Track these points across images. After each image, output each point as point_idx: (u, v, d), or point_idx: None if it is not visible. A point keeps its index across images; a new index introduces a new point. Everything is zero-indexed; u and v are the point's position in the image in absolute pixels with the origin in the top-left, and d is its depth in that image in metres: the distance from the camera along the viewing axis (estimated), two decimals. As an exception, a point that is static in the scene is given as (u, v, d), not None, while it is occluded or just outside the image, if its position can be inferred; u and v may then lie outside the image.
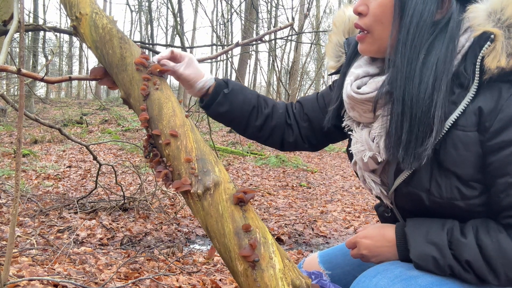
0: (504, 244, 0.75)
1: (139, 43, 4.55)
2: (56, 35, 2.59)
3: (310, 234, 3.94)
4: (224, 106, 1.12)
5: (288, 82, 15.04)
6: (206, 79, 1.11)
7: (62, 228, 3.31)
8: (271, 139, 1.20)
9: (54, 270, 2.20)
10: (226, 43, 9.36)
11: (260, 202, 5.15)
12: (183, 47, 4.01)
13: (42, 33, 15.21)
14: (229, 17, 15.07)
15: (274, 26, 11.98)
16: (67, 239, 3.00)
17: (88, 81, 1.76)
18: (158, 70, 0.97)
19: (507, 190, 0.75)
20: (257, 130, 1.17)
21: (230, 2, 9.77)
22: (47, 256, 2.48)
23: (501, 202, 0.77)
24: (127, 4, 23.51)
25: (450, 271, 0.79)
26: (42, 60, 16.72)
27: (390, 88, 0.84)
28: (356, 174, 1.00)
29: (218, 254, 0.82)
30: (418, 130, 0.80)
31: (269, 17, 13.43)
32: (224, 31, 14.52)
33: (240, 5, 11.39)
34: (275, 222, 4.20)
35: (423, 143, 0.79)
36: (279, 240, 3.66)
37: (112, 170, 5.53)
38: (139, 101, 0.94)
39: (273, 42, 11.25)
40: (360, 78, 0.94)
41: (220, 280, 2.42)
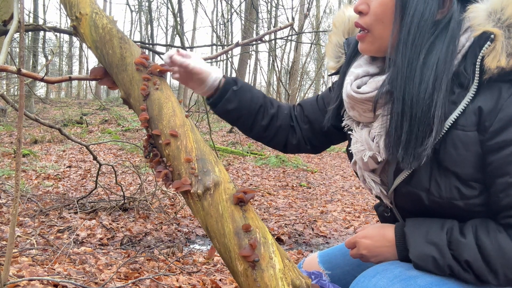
0: (503, 244, 0.75)
1: (139, 43, 4.55)
2: (56, 35, 2.59)
3: (310, 234, 3.94)
4: (232, 103, 1.12)
5: (288, 82, 15.05)
6: (217, 75, 1.12)
7: (62, 228, 3.31)
8: (275, 140, 1.20)
9: (54, 270, 2.20)
10: (226, 43, 9.36)
11: (260, 202, 5.15)
12: (183, 47, 4.01)
13: (42, 33, 15.22)
14: (229, 17, 15.08)
15: (274, 26, 11.99)
16: (67, 239, 3.00)
17: (88, 81, 1.76)
18: (158, 70, 0.97)
19: (507, 190, 0.75)
20: (262, 130, 1.18)
21: (230, 2, 9.77)
22: (47, 256, 2.49)
23: (500, 202, 0.77)
24: (127, 4, 23.53)
25: (450, 271, 0.79)
26: (42, 60, 16.74)
27: (390, 87, 0.84)
28: (356, 173, 1.00)
29: (218, 254, 0.82)
30: (418, 130, 0.80)
31: (269, 17, 13.44)
32: (224, 31, 14.53)
33: (240, 5, 11.40)
34: (275, 222, 4.20)
35: (423, 143, 0.80)
36: (279, 240, 3.66)
37: (112, 170, 5.53)
38: (139, 101, 0.94)
39: (273, 42, 11.25)
40: (360, 77, 0.94)
41: (220, 280, 2.42)
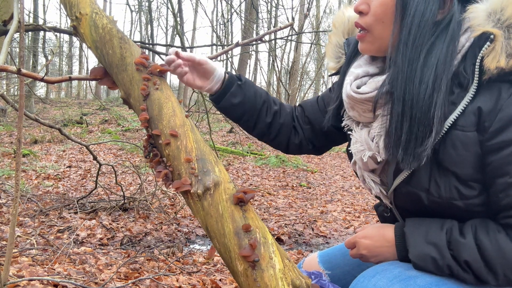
0: (503, 244, 0.75)
1: (139, 43, 4.55)
2: (56, 35, 2.59)
3: (310, 234, 3.94)
4: (237, 97, 1.12)
5: (288, 82, 15.04)
6: (222, 69, 1.13)
7: (62, 228, 3.31)
8: (278, 138, 1.20)
9: (54, 270, 2.20)
10: (226, 43, 9.36)
11: (260, 202, 5.15)
12: (183, 47, 4.01)
13: (42, 33, 15.22)
14: (229, 17, 15.08)
15: (274, 26, 11.99)
16: (67, 239, 3.00)
17: (88, 81, 1.76)
18: (158, 70, 0.97)
19: (506, 190, 0.75)
20: (266, 127, 1.18)
21: (230, 2, 9.77)
22: (47, 256, 2.49)
23: (500, 202, 0.77)
24: (127, 4, 23.53)
25: (449, 271, 0.79)
26: (42, 60, 16.74)
27: (390, 87, 0.84)
28: (355, 173, 1.00)
29: (218, 254, 0.82)
30: (417, 130, 0.80)
31: (269, 17, 13.44)
32: (224, 31, 14.52)
33: (240, 5, 11.40)
34: (275, 222, 4.20)
35: (423, 143, 0.80)
36: (279, 240, 3.66)
37: (112, 170, 5.53)
38: (139, 101, 0.94)
39: (273, 42, 11.25)
40: (359, 77, 0.94)
41: (220, 280, 2.42)
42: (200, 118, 6.98)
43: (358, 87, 0.92)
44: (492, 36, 0.76)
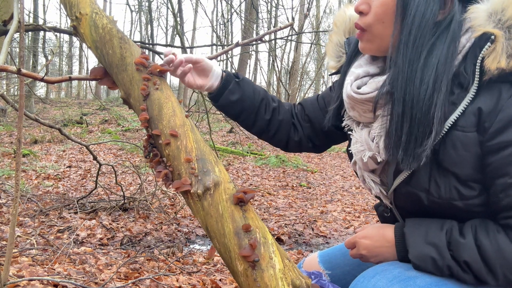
0: (502, 244, 0.75)
1: (139, 43, 4.55)
2: (56, 35, 2.59)
3: (310, 234, 3.94)
4: (235, 94, 1.13)
5: (288, 82, 15.04)
6: (218, 67, 1.14)
7: (62, 228, 3.31)
8: (278, 136, 1.21)
9: (54, 270, 2.20)
10: (226, 43, 9.36)
11: (260, 202, 5.15)
12: (183, 47, 4.01)
13: (42, 33, 15.22)
14: (229, 17, 15.08)
15: (274, 26, 11.99)
16: (67, 239, 3.00)
17: (88, 81, 1.76)
18: (158, 70, 0.97)
19: (506, 190, 0.75)
20: (265, 124, 1.18)
21: (230, 2, 9.78)
22: (47, 256, 2.49)
23: (500, 203, 0.77)
24: (127, 4, 23.53)
25: (449, 272, 0.79)
26: (42, 60, 16.73)
27: (391, 88, 0.84)
28: (356, 173, 1.00)
29: (218, 254, 0.82)
30: (418, 131, 0.80)
31: (269, 17, 13.44)
32: (224, 31, 14.53)
33: (240, 5, 11.40)
34: (275, 222, 4.20)
35: (423, 144, 0.80)
36: (279, 240, 3.66)
37: (112, 170, 5.53)
38: (139, 101, 0.94)
39: (273, 42, 11.25)
40: (360, 78, 0.94)
41: (220, 280, 2.42)
42: (200, 118, 6.98)
43: (359, 87, 0.92)
44: (492, 36, 0.76)
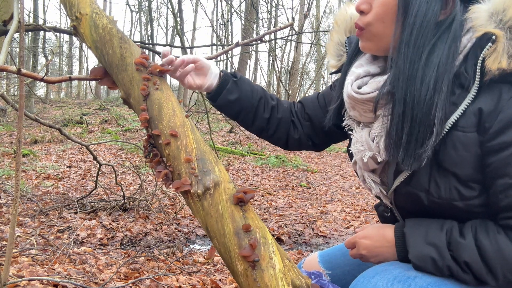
0: (502, 245, 0.75)
1: (139, 43, 4.55)
2: (56, 35, 2.59)
3: (310, 234, 3.94)
4: (234, 94, 1.13)
5: (288, 82, 15.04)
6: (215, 66, 1.14)
7: (62, 228, 3.31)
8: (277, 134, 1.20)
9: (54, 270, 2.20)
10: (226, 43, 9.36)
11: (260, 202, 5.15)
12: (183, 47, 4.01)
13: (42, 33, 15.22)
14: (229, 17, 15.08)
15: (274, 26, 11.99)
16: (67, 239, 3.00)
17: (88, 81, 1.76)
18: (158, 70, 0.97)
19: (506, 191, 0.75)
20: (264, 123, 1.18)
21: (230, 2, 9.78)
22: (47, 256, 2.48)
23: (500, 203, 0.77)
24: (127, 4, 23.53)
25: (449, 272, 0.79)
26: (42, 60, 16.74)
27: (391, 88, 0.83)
28: (356, 173, 1.00)
29: (218, 254, 0.82)
30: (418, 131, 0.80)
31: (269, 17, 13.44)
32: (224, 31, 14.53)
33: (240, 5, 11.40)
34: (275, 222, 4.20)
35: (423, 144, 0.79)
36: (279, 240, 3.66)
37: (112, 170, 5.53)
38: (139, 101, 0.94)
39: (273, 42, 11.25)
40: (361, 77, 0.94)
41: (220, 280, 2.42)
42: (200, 118, 6.98)
43: (359, 87, 0.91)
44: (494, 37, 0.76)
